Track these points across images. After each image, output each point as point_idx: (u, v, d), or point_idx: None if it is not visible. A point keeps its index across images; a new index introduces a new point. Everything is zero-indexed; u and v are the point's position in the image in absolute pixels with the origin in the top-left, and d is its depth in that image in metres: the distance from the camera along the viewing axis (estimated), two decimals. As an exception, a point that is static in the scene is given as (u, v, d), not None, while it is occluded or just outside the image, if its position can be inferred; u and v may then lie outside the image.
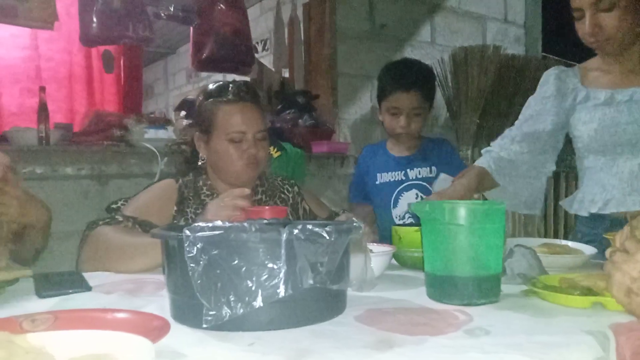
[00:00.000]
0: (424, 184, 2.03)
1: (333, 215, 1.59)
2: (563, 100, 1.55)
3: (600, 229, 1.48)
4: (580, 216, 1.56)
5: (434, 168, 2.06)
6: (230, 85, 1.50)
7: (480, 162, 1.57)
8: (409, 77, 2.01)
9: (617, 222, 1.45)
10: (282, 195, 1.59)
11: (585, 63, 1.58)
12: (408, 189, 2.06)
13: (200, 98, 1.54)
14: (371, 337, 0.72)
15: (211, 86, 1.53)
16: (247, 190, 1.25)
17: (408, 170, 2.08)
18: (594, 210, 1.49)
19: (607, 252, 0.84)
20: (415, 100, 1.99)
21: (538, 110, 1.58)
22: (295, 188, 1.63)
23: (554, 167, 1.62)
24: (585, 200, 1.52)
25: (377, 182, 2.11)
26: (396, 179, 2.08)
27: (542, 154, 1.59)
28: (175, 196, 1.46)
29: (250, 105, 1.48)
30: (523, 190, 1.61)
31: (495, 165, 1.55)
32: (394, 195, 2.06)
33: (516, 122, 1.61)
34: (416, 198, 2.03)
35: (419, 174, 2.06)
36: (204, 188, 1.51)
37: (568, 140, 1.64)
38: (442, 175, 1.78)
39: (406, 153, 2.11)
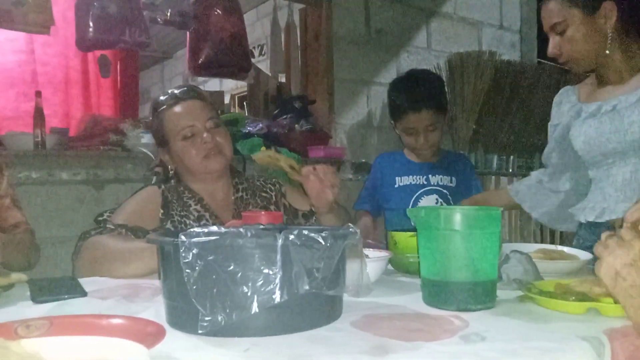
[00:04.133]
0: (445, 191, 2.06)
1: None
2: (562, 121, 1.62)
3: (597, 234, 1.49)
4: (582, 222, 1.59)
5: (454, 178, 2.10)
6: (168, 92, 1.56)
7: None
8: (418, 96, 2.00)
9: (613, 229, 1.46)
10: (264, 194, 1.62)
11: (587, 79, 1.63)
12: (429, 193, 2.08)
13: (151, 117, 1.59)
14: (367, 342, 0.72)
15: (154, 102, 1.58)
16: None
17: (430, 175, 2.10)
18: (590, 218, 1.53)
19: (603, 236, 0.85)
20: (428, 118, 2.00)
21: (549, 134, 1.69)
22: (277, 186, 1.66)
23: (567, 187, 1.69)
24: (587, 208, 1.56)
25: (396, 186, 2.12)
26: (417, 183, 2.10)
27: (559, 173, 1.69)
28: (159, 200, 1.48)
29: (191, 102, 1.52)
30: (542, 203, 1.74)
31: (519, 185, 1.79)
32: (414, 197, 2.07)
33: None
34: (436, 203, 2.06)
35: (441, 180, 2.09)
36: (186, 192, 1.53)
37: None
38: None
39: (428, 160, 2.13)
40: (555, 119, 1.66)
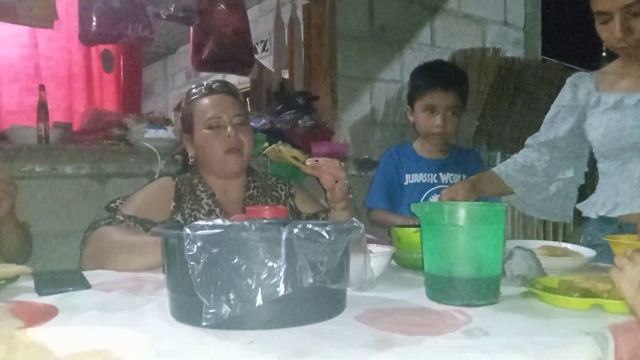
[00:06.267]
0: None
1: (320, 213, 1.60)
2: (576, 107, 1.57)
3: (608, 232, 1.46)
4: (591, 218, 1.56)
5: (464, 176, 2.05)
6: (205, 83, 1.59)
7: (494, 167, 1.68)
8: (448, 76, 2.03)
9: (625, 227, 1.44)
10: (274, 194, 1.62)
11: (605, 67, 1.58)
12: (439, 191, 2.03)
13: (182, 104, 1.62)
14: (370, 336, 0.72)
15: (189, 89, 1.61)
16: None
17: (441, 173, 2.07)
18: (602, 213, 1.49)
19: (628, 251, 0.83)
20: (452, 99, 2.00)
21: (551, 118, 1.63)
22: (288, 187, 1.66)
23: (571, 174, 1.64)
24: (597, 203, 1.53)
25: (406, 183, 2.09)
26: (428, 181, 2.07)
27: (562, 160, 1.63)
28: (172, 192, 1.49)
29: (224, 96, 1.55)
30: (534, 194, 1.66)
31: (507, 168, 1.64)
32: (424, 196, 2.05)
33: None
34: None
35: (452, 179, 2.05)
36: (199, 185, 1.54)
37: None
38: None
39: (438, 156, 2.10)
40: (569, 100, 1.58)
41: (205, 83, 1.59)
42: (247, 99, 3.60)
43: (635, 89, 1.46)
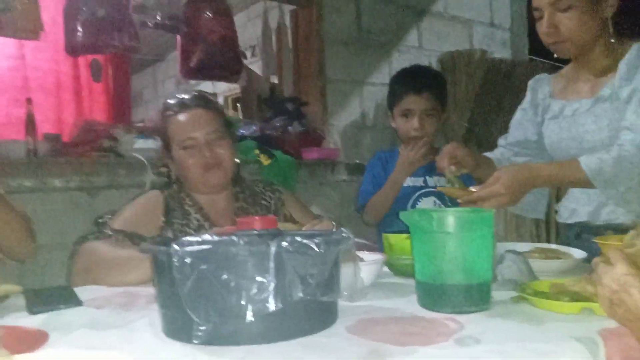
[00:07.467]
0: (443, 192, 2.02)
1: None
2: (535, 112, 1.58)
3: (571, 233, 1.52)
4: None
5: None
6: (177, 97, 1.55)
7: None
8: (420, 79, 2.07)
9: (585, 229, 1.47)
10: (263, 202, 1.60)
11: (561, 70, 1.58)
12: (427, 195, 2.06)
13: (158, 119, 1.59)
14: (362, 348, 0.72)
15: (164, 103, 1.58)
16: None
17: (427, 177, 2.08)
18: (561, 220, 1.54)
19: (593, 262, 0.85)
20: (427, 102, 2.03)
21: (518, 120, 1.63)
22: (277, 194, 1.64)
23: None
24: (561, 207, 1.56)
25: None
26: (415, 184, 2.08)
27: (534, 157, 1.62)
28: (161, 207, 1.47)
29: (196, 111, 1.50)
30: None
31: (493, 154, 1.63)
32: (412, 200, 2.05)
33: None
34: (434, 205, 2.03)
35: (439, 181, 2.03)
36: (187, 199, 1.52)
37: None
38: None
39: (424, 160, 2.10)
40: (527, 104, 1.60)
41: (178, 97, 1.54)
42: (237, 105, 3.60)
43: (577, 96, 1.46)
